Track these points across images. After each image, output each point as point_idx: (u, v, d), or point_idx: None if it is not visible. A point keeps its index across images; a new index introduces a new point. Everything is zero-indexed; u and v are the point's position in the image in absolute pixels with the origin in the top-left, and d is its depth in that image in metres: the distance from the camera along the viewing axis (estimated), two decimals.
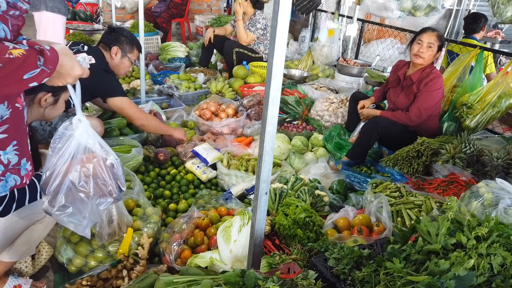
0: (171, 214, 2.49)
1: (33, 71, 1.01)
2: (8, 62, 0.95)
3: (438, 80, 3.02)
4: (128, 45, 2.90)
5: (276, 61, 1.20)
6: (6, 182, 1.16)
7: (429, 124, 3.16)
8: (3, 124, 1.11)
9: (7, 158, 1.14)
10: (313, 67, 5.28)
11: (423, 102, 3.00)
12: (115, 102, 2.75)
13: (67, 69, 1.14)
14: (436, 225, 1.37)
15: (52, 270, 2.08)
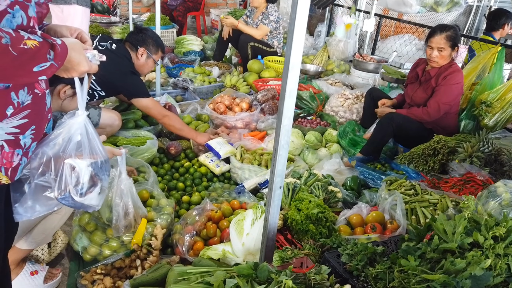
0: (184, 206, 2.51)
1: (43, 64, 1.01)
2: (22, 52, 0.95)
3: (457, 74, 2.96)
4: (154, 47, 3.00)
5: (293, 54, 1.19)
6: (22, 166, 1.18)
7: (447, 122, 3.10)
8: (24, 110, 1.12)
9: (24, 142, 1.16)
10: (329, 62, 5.24)
11: (442, 96, 2.94)
12: (141, 103, 2.87)
13: (73, 64, 1.15)
14: (452, 223, 1.35)
15: (67, 258, 2.12)
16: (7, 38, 0.92)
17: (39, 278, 1.88)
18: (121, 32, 5.84)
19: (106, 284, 1.83)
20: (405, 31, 5.54)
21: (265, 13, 4.79)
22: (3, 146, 1.09)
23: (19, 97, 1.09)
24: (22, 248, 1.79)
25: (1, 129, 1.07)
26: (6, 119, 1.08)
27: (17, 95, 1.09)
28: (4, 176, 1.12)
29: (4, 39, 0.91)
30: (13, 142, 1.11)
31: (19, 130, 1.11)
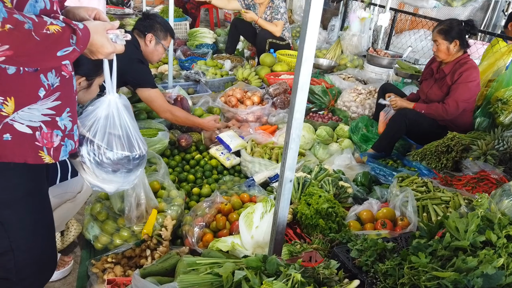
0: (194, 198, 2.53)
1: (66, 49, 1.04)
2: (45, 38, 0.97)
3: (473, 71, 2.91)
4: (162, 32, 2.92)
5: (307, 47, 1.18)
6: (66, 147, 1.22)
7: (462, 119, 3.05)
8: (55, 91, 1.16)
9: (63, 124, 1.20)
10: (342, 57, 5.18)
11: (460, 94, 2.89)
12: (144, 93, 2.78)
13: (97, 47, 1.18)
14: (465, 221, 1.33)
15: (79, 246, 2.16)
16: (29, 24, 0.93)
17: None
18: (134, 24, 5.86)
19: (116, 272, 1.86)
20: (421, 26, 5.45)
21: (273, 7, 4.71)
22: (42, 127, 1.14)
23: (48, 79, 1.13)
24: None
25: (37, 111, 1.12)
26: (40, 100, 1.12)
27: (46, 77, 1.13)
28: (47, 156, 1.17)
29: (27, 24, 0.92)
30: (50, 123, 1.16)
31: (54, 112, 1.16)
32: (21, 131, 1.10)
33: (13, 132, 1.09)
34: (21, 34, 0.92)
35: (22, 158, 1.13)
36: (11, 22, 0.89)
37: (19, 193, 1.19)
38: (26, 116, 1.10)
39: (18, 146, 1.11)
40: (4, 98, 1.05)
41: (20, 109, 1.09)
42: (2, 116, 1.07)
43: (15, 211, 1.19)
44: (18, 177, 1.18)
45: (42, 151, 1.16)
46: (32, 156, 1.14)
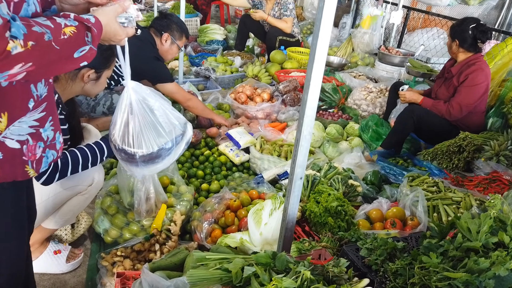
0: (203, 194, 2.54)
1: (83, 49, 0.99)
2: (64, 44, 0.92)
3: (479, 73, 2.85)
4: (178, 33, 3.02)
5: (320, 44, 1.17)
6: (47, 158, 1.17)
7: (473, 120, 3.01)
8: (43, 102, 1.10)
9: (46, 135, 1.15)
10: (353, 54, 5.15)
11: (464, 97, 2.85)
12: (165, 88, 2.92)
13: (110, 36, 1.14)
14: (477, 222, 1.31)
15: (89, 239, 2.18)
16: (48, 33, 0.88)
17: (61, 257, 1.93)
18: (146, 20, 5.89)
19: (125, 266, 1.87)
20: (434, 24, 5.38)
21: (281, 3, 4.68)
22: (28, 140, 1.08)
23: (38, 90, 1.07)
24: (48, 227, 1.84)
25: (25, 123, 1.06)
26: (29, 112, 1.06)
27: (36, 88, 1.07)
28: (31, 170, 1.11)
29: (46, 35, 0.87)
30: (36, 135, 1.10)
31: (39, 123, 1.10)
32: (11, 147, 1.04)
33: (4, 150, 1.02)
34: (43, 48, 0.87)
35: (12, 176, 1.07)
36: (32, 37, 0.84)
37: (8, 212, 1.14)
38: (16, 131, 1.04)
39: (9, 164, 1.05)
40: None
41: (12, 124, 1.02)
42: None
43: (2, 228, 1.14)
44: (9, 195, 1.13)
45: (27, 165, 1.10)
46: (20, 173, 1.09)
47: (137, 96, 1.38)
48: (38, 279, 1.90)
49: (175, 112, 1.49)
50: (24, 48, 0.83)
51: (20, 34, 0.82)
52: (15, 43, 0.81)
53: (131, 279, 1.77)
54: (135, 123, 1.38)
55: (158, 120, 1.42)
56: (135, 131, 1.39)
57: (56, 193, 1.72)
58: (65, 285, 1.89)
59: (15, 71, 0.85)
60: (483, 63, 2.93)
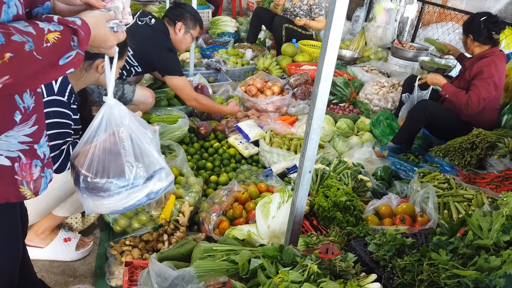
0: (211, 186, 2.54)
1: (69, 54, 0.89)
2: (46, 53, 0.83)
3: (491, 66, 2.81)
4: (192, 22, 2.98)
5: (332, 36, 1.15)
6: (46, 179, 1.08)
7: (485, 117, 2.95)
8: (32, 115, 0.99)
9: (42, 152, 1.05)
10: (365, 48, 5.08)
11: (481, 91, 2.80)
12: (172, 81, 2.87)
13: (100, 42, 1.03)
14: (489, 220, 1.29)
15: (99, 228, 2.21)
16: (30, 43, 0.79)
17: (71, 245, 1.96)
18: (158, 11, 5.89)
19: (134, 255, 1.89)
20: (449, 18, 5.28)
21: (316, 3, 4.62)
22: (20, 157, 0.98)
23: (24, 101, 0.97)
24: (58, 215, 1.87)
25: (14, 138, 0.96)
26: (17, 126, 0.95)
27: (22, 99, 0.96)
28: (27, 191, 1.02)
29: (27, 44, 0.78)
30: (29, 152, 1.00)
31: (32, 139, 1.00)
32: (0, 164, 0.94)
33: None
34: (23, 59, 0.78)
35: (4, 197, 0.97)
36: (11, 49, 0.75)
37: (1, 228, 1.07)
38: (4, 145, 0.93)
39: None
40: None
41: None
42: None
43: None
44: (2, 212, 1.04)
45: (22, 185, 0.99)
46: (14, 194, 0.99)
47: (111, 117, 1.23)
48: (48, 266, 1.93)
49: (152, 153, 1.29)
50: (0, 60, 0.74)
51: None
52: None
53: (139, 268, 1.79)
54: (97, 143, 1.23)
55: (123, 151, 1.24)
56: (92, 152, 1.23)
57: (66, 181, 1.74)
58: (74, 272, 1.92)
59: None
60: (498, 56, 2.87)
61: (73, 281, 1.87)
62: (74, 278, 1.89)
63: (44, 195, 1.71)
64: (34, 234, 1.89)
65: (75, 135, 1.73)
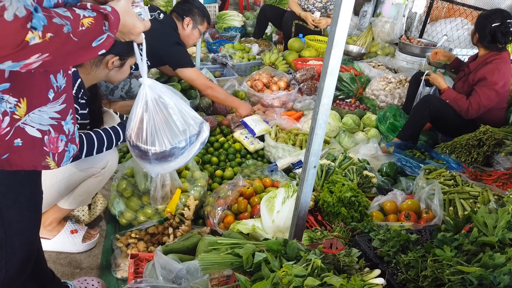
0: (217, 180, 2.55)
1: (101, 37, 0.98)
2: (82, 35, 0.92)
3: (496, 73, 2.74)
4: (200, 17, 3.01)
5: (339, 30, 1.15)
6: (69, 153, 1.19)
7: (493, 115, 2.93)
8: (63, 94, 1.11)
9: (68, 128, 1.15)
10: (373, 44, 5.04)
11: (482, 98, 2.76)
12: (185, 73, 2.90)
13: (129, 28, 1.12)
14: (494, 217, 1.28)
15: (105, 221, 2.23)
16: (68, 25, 0.88)
17: (78, 237, 1.98)
18: (165, 6, 5.88)
19: (139, 248, 1.91)
20: (458, 14, 5.22)
21: None
22: (50, 131, 1.09)
23: (57, 81, 1.08)
24: (63, 207, 1.89)
25: (46, 113, 1.07)
26: (50, 103, 1.07)
27: (56, 79, 1.08)
28: (52, 162, 1.12)
29: (66, 27, 0.88)
30: (57, 127, 1.11)
31: (60, 116, 1.11)
32: (32, 135, 1.04)
33: (24, 137, 1.03)
34: (61, 39, 0.88)
35: (32, 165, 1.08)
36: (52, 29, 0.85)
37: (23, 196, 1.16)
38: (37, 119, 1.04)
39: (28, 152, 1.05)
40: (17, 100, 0.99)
41: (31, 111, 1.03)
42: (14, 119, 0.99)
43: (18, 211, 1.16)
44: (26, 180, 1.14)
45: (48, 156, 1.10)
46: (40, 163, 1.09)
47: (153, 94, 1.38)
48: (55, 257, 1.95)
49: (191, 112, 1.48)
50: (42, 39, 0.83)
51: (40, 25, 0.82)
52: (34, 34, 0.81)
53: (144, 261, 1.81)
54: (150, 120, 1.39)
55: (173, 118, 1.42)
56: (149, 128, 1.39)
57: (69, 174, 1.75)
58: (80, 264, 1.95)
59: (31, 61, 0.86)
60: (503, 60, 2.80)
61: (79, 272, 1.90)
62: (80, 270, 1.91)
63: (48, 187, 1.75)
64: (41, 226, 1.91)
65: (81, 130, 1.75)
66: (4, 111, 0.98)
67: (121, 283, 1.84)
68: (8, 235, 1.15)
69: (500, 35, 2.77)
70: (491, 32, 2.78)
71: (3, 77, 0.96)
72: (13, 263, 1.20)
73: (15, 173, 1.08)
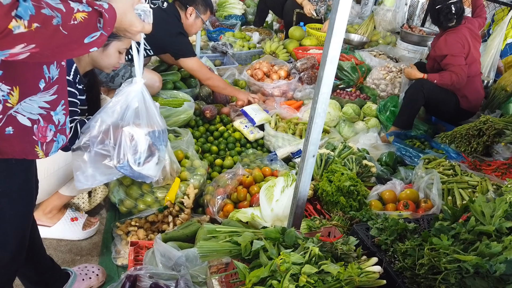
0: (216, 169, 2.56)
1: (94, 34, 0.96)
2: (72, 29, 0.90)
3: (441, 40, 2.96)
4: (203, 7, 3.00)
5: (338, 18, 1.14)
6: (57, 143, 1.18)
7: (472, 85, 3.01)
8: (54, 85, 1.11)
9: (57, 119, 1.15)
10: (374, 32, 5.00)
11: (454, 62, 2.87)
12: (187, 63, 2.92)
13: (126, 26, 1.11)
14: (492, 206, 1.29)
15: (105, 209, 2.24)
16: (58, 18, 0.86)
17: (78, 225, 2.00)
18: None
19: (139, 235, 1.93)
20: None
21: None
22: (39, 120, 1.09)
23: (50, 72, 1.08)
24: (64, 194, 1.90)
25: (36, 103, 1.06)
26: (40, 92, 1.07)
27: (49, 70, 1.08)
28: (40, 151, 1.12)
29: (55, 19, 0.85)
30: (46, 117, 1.10)
31: (50, 106, 1.11)
32: (22, 123, 1.04)
33: (15, 125, 1.03)
34: (49, 31, 0.85)
35: (23, 154, 1.08)
36: (39, 20, 0.82)
37: (16, 184, 1.16)
38: (28, 108, 1.05)
39: (19, 140, 1.05)
40: (10, 88, 0.99)
41: (23, 100, 1.03)
42: (6, 107, 0.99)
43: (10, 199, 1.16)
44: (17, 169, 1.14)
45: (37, 145, 1.10)
46: (30, 152, 1.09)
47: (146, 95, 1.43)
48: (56, 245, 1.97)
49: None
50: (27, 29, 0.81)
51: (26, 14, 0.80)
52: (18, 22, 0.79)
53: (144, 248, 1.82)
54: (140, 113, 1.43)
55: None
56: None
57: (70, 161, 1.76)
58: (81, 251, 1.96)
59: (16, 51, 0.84)
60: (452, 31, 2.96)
61: (79, 259, 1.92)
62: (81, 257, 1.93)
63: (48, 174, 1.75)
64: (41, 213, 1.93)
65: (82, 115, 1.75)
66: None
67: (121, 270, 1.86)
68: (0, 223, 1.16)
69: (442, 17, 2.94)
70: (434, 14, 2.99)
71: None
72: (6, 251, 1.21)
73: (7, 161, 1.08)
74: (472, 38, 2.98)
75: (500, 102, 3.19)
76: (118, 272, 1.85)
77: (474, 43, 2.99)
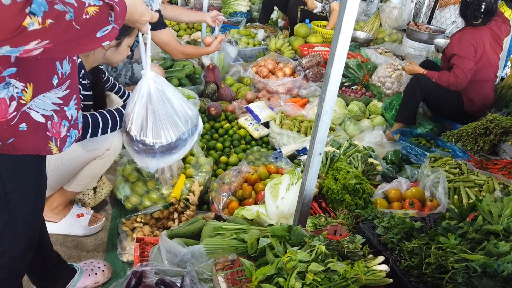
0: (221, 166, 2.56)
1: (106, 28, 0.96)
2: (85, 24, 0.90)
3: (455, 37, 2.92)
4: None
5: (347, 16, 1.13)
6: (71, 138, 1.19)
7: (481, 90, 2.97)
8: (67, 80, 1.11)
9: (70, 114, 1.16)
10: (380, 30, 4.97)
11: (460, 63, 2.83)
12: (161, 36, 2.79)
13: (136, 17, 1.12)
14: (499, 205, 1.28)
15: (110, 205, 2.25)
16: (71, 13, 0.86)
17: (84, 220, 2.01)
18: None
19: (144, 232, 1.93)
20: None
21: None
22: (53, 116, 1.10)
23: (63, 67, 1.09)
24: (68, 190, 1.90)
25: (49, 99, 1.07)
26: (54, 89, 1.07)
27: (62, 65, 1.09)
28: (54, 146, 1.13)
29: (68, 14, 0.86)
30: (60, 113, 1.12)
31: (63, 101, 1.12)
32: (36, 120, 1.05)
33: (29, 122, 1.04)
34: (62, 27, 0.85)
35: (36, 150, 1.09)
36: (52, 15, 0.82)
37: (28, 180, 1.17)
38: (41, 104, 1.05)
39: (32, 137, 1.06)
40: (24, 85, 0.99)
41: (36, 97, 1.04)
42: (20, 104, 1.00)
43: (22, 196, 1.17)
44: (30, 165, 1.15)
45: (51, 141, 1.11)
46: (43, 147, 1.10)
47: (156, 85, 1.36)
48: (62, 240, 1.98)
49: (189, 104, 1.48)
50: (41, 25, 0.81)
51: (39, 11, 0.80)
52: (33, 19, 0.80)
53: (149, 245, 1.83)
54: (154, 113, 1.37)
55: (176, 110, 1.41)
56: (154, 121, 1.38)
57: (74, 156, 1.76)
58: (86, 247, 1.97)
59: (30, 47, 0.84)
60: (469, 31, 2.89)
61: (85, 255, 1.93)
62: (86, 253, 1.94)
63: (53, 169, 1.76)
64: (48, 209, 1.94)
65: (86, 111, 1.75)
66: (11, 95, 0.98)
67: (126, 266, 1.87)
68: (12, 219, 1.17)
69: (470, 12, 2.87)
70: (463, 7, 2.92)
71: (9, 62, 0.96)
72: (17, 246, 1.22)
73: (20, 157, 1.09)
74: (492, 41, 2.90)
75: (507, 101, 3.17)
76: (124, 268, 1.86)
77: (493, 46, 2.92)
